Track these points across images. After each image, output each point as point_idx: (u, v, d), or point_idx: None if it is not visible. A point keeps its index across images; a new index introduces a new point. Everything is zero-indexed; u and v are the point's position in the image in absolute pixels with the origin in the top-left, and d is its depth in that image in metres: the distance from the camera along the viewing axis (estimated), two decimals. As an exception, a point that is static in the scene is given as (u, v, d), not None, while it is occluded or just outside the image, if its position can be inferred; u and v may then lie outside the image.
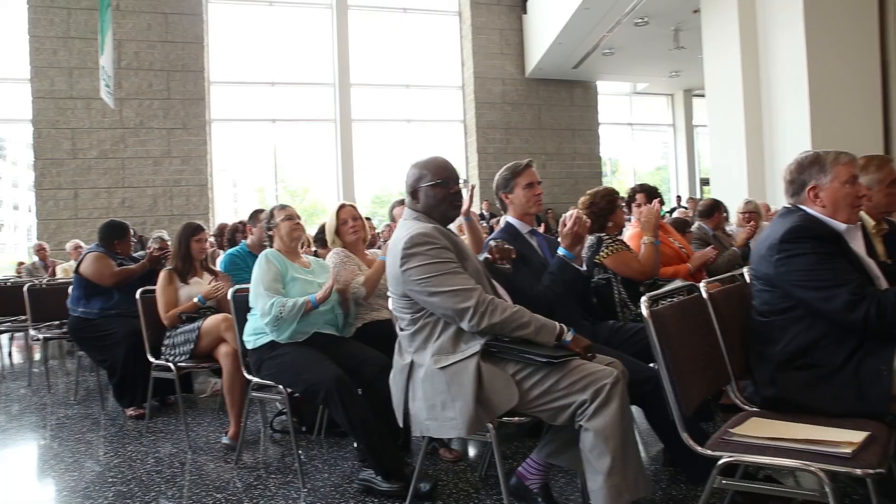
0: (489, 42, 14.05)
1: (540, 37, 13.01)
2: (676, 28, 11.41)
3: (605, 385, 1.89)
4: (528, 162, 2.79)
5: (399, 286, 2.14)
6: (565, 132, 14.52)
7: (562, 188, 14.22)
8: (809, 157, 2.11)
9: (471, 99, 14.16)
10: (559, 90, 14.48)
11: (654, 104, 17.38)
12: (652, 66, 14.25)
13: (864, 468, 1.58)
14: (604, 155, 15.39)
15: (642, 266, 3.18)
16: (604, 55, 12.81)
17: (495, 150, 13.77)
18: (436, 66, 14.66)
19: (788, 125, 7.49)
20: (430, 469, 2.89)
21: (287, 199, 14.70)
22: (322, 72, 13.98)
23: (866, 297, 1.86)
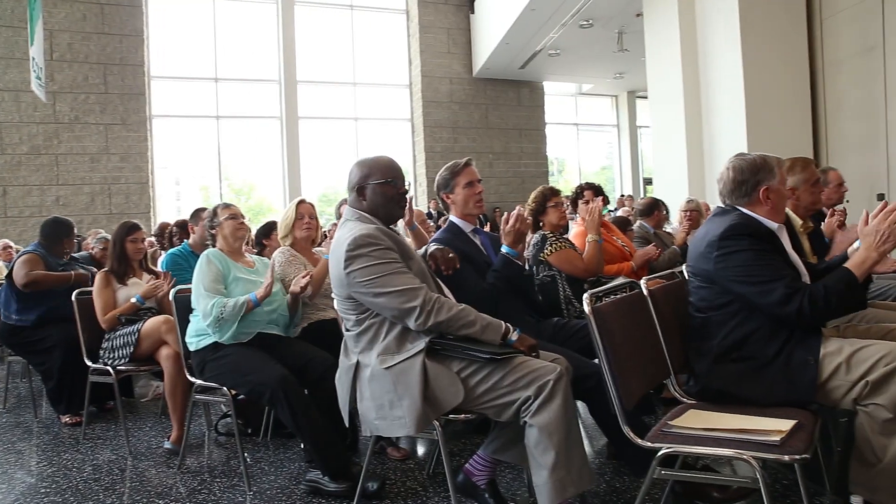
0: (437, 41, 14.06)
1: (487, 36, 13.10)
2: (620, 31, 11.65)
3: (548, 381, 1.92)
4: (467, 161, 2.79)
5: (343, 288, 2.12)
6: (512, 132, 14.66)
7: (509, 187, 14.35)
8: (758, 160, 2.18)
9: (418, 98, 14.15)
10: (506, 90, 14.61)
11: (599, 105, 17.72)
12: (597, 68, 14.52)
13: (791, 454, 1.66)
14: (550, 154, 15.60)
15: (586, 264, 3.25)
16: (550, 56, 12.98)
17: (443, 149, 13.80)
18: (383, 64, 14.59)
19: (726, 127, 7.75)
20: (377, 468, 2.89)
21: (232, 198, 14.38)
22: (267, 68, 13.72)
23: (799, 290, 1.94)
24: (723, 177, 2.24)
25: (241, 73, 13.64)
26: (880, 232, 1.93)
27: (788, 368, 1.99)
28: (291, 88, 13.64)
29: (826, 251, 3.14)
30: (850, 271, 1.96)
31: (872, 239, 1.95)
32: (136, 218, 4.76)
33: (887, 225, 1.93)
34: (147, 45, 12.32)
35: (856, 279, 1.95)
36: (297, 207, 3.36)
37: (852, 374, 1.89)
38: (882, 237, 1.93)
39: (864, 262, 1.96)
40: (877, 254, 1.94)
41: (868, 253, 1.95)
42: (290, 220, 3.34)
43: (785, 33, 7.71)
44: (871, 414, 1.86)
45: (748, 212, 2.17)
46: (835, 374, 1.92)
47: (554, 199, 3.46)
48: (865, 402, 1.87)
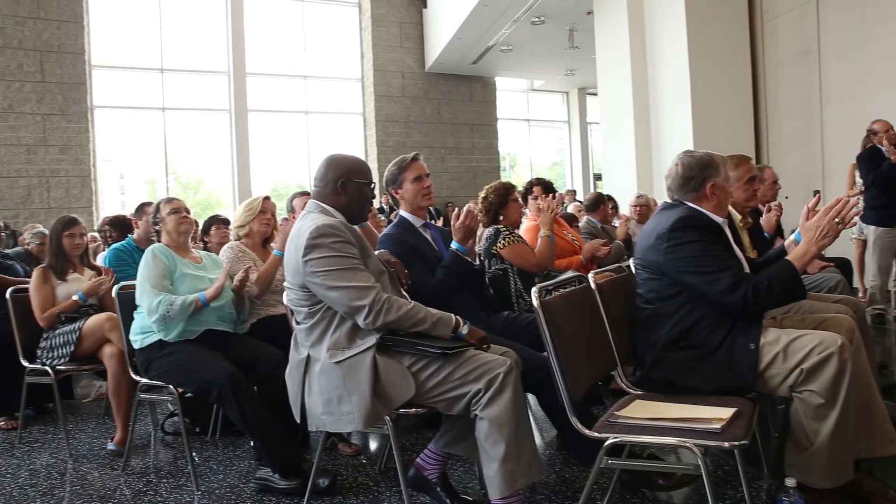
0: (389, 35, 13.97)
1: (439, 31, 13.09)
2: (571, 28, 11.78)
3: (498, 374, 1.94)
4: (415, 155, 2.81)
5: (298, 276, 2.10)
6: (464, 127, 14.69)
7: (461, 182, 14.39)
8: (705, 157, 2.25)
9: (370, 92, 14.04)
10: (459, 85, 14.63)
11: (550, 101, 17.91)
12: (548, 65, 14.66)
13: (731, 441, 1.72)
14: (502, 150, 15.69)
15: (538, 259, 3.30)
16: (502, 52, 13.05)
17: (395, 143, 13.73)
18: (335, 57, 14.42)
19: (673, 125, 7.94)
20: (329, 464, 2.87)
21: (179, 192, 13.99)
22: (216, 59, 13.38)
23: (744, 280, 2.02)
24: (671, 172, 2.30)
25: (189, 64, 13.26)
26: (820, 227, 2.03)
27: (731, 357, 2.06)
28: (241, 80, 13.36)
29: (766, 246, 3.25)
30: (791, 264, 2.05)
31: (813, 234, 2.05)
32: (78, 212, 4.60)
33: (826, 221, 2.03)
34: (87, 31, 11.84)
35: (797, 271, 2.04)
36: (263, 202, 3.34)
37: (789, 363, 1.97)
38: (822, 232, 2.03)
39: (804, 256, 2.05)
40: (816, 248, 2.04)
41: (808, 247, 2.05)
42: (254, 210, 3.30)
43: (729, 35, 7.94)
44: (806, 400, 1.95)
45: (695, 206, 2.24)
46: (773, 363, 2.00)
47: (514, 193, 3.50)
48: (800, 389, 1.95)
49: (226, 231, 4.23)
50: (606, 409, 2.13)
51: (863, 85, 6.83)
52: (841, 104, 7.09)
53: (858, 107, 6.80)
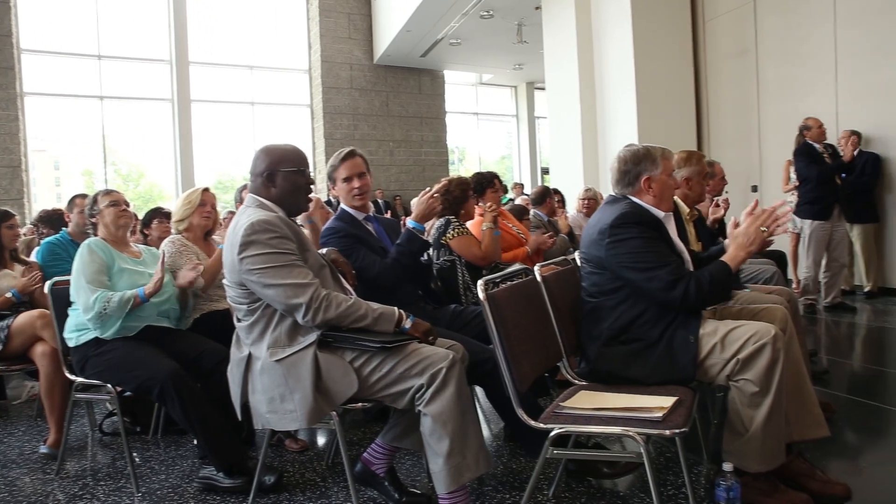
0: (337, 26, 13.78)
1: (388, 23, 12.98)
2: (520, 23, 11.85)
3: (441, 369, 1.93)
4: (348, 153, 2.76)
5: (235, 274, 2.06)
6: (413, 119, 14.64)
7: (409, 175, 14.35)
8: (641, 150, 2.29)
9: (318, 83, 13.83)
10: (407, 78, 14.56)
11: (498, 95, 17.99)
12: (497, 59, 14.72)
13: (672, 429, 1.77)
14: (451, 143, 15.71)
15: (484, 251, 3.32)
16: (451, 45, 13.04)
17: (343, 136, 13.58)
18: (282, 47, 14.15)
19: (618, 120, 8.09)
20: (274, 461, 2.83)
21: (119, 185, 13.50)
22: (157, 47, 12.92)
23: (684, 276, 2.07)
24: (612, 167, 2.35)
25: (128, 52, 12.77)
26: (748, 235, 2.13)
27: (671, 349, 2.12)
28: (183, 69, 12.96)
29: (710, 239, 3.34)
30: (727, 265, 2.13)
31: (742, 241, 2.14)
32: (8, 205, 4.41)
33: (754, 230, 2.13)
34: (15, 13, 11.23)
35: (732, 272, 2.13)
36: (202, 194, 3.23)
37: (726, 353, 2.03)
38: (749, 240, 2.13)
39: (734, 259, 2.14)
40: (745, 253, 2.14)
41: (738, 252, 2.14)
42: (193, 203, 3.20)
43: (672, 33, 8.15)
44: (741, 388, 2.02)
45: (637, 200, 2.28)
46: (711, 353, 2.06)
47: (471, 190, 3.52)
48: (737, 378, 2.02)
49: (167, 225, 4.10)
50: (553, 399, 2.16)
51: (796, 85, 7.10)
52: (776, 103, 7.37)
53: (792, 105, 7.08)
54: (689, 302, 2.06)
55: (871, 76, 6.31)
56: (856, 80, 6.47)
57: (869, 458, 2.63)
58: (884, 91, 6.18)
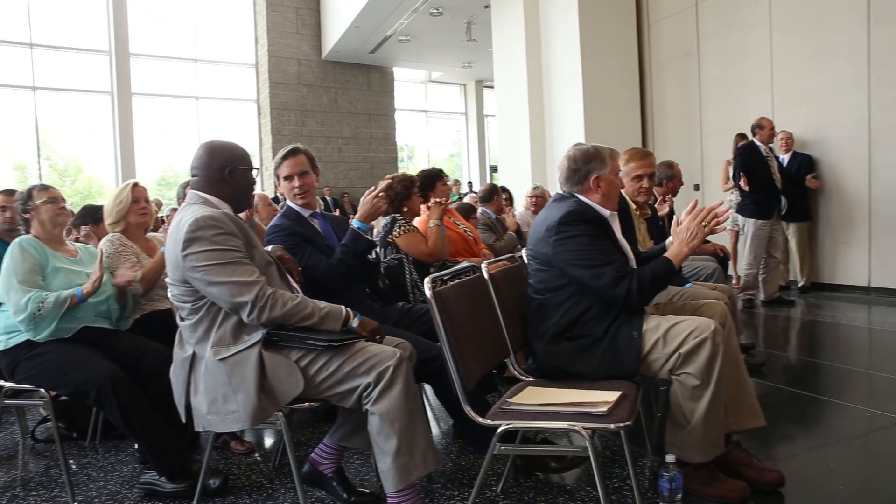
0: (285, 20, 13.56)
1: (337, 18, 12.85)
2: (469, 21, 11.89)
3: (388, 367, 1.92)
4: (290, 151, 2.73)
5: (179, 271, 2.00)
6: (362, 116, 14.54)
7: (358, 172, 14.26)
8: (591, 150, 2.33)
9: (265, 78, 13.60)
10: (356, 74, 14.45)
11: (448, 93, 18.04)
12: (446, 56, 14.75)
13: (616, 423, 1.80)
14: (400, 140, 15.67)
15: (431, 249, 3.32)
16: (400, 42, 13.00)
17: (290, 132, 13.38)
18: (227, 41, 13.83)
19: (566, 119, 8.21)
20: (220, 464, 2.76)
21: (55, 180, 12.97)
22: (95, 37, 12.43)
23: (628, 274, 2.12)
24: (560, 165, 2.37)
25: (64, 41, 12.25)
26: (690, 230, 2.20)
27: (616, 345, 2.16)
28: (123, 61, 12.53)
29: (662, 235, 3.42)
30: (670, 261, 2.19)
31: (684, 236, 2.21)
32: (-69, 200, 4.15)
33: (695, 225, 2.19)
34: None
35: (674, 268, 2.19)
36: (132, 191, 3.10)
37: (668, 348, 2.09)
38: (691, 234, 2.19)
39: (678, 255, 2.20)
40: (687, 248, 2.20)
41: (680, 247, 2.21)
42: (124, 204, 3.07)
43: (618, 35, 8.31)
44: (683, 382, 2.07)
45: (584, 198, 2.32)
46: (654, 348, 2.11)
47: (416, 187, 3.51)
48: (678, 372, 2.08)
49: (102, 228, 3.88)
50: (501, 396, 2.17)
51: (735, 88, 7.34)
52: (717, 104, 7.60)
53: (732, 107, 7.32)
54: (631, 299, 2.11)
55: (805, 81, 6.57)
56: (791, 85, 6.72)
57: (801, 445, 2.74)
58: (817, 95, 6.44)
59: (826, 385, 3.60)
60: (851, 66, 6.12)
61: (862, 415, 3.02)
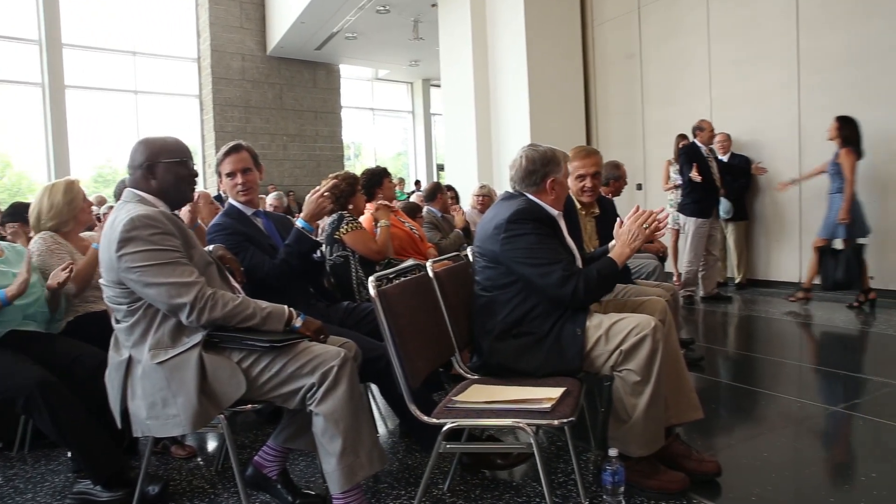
0: (228, 14, 13.26)
1: (282, 14, 12.64)
2: (416, 19, 11.88)
3: (332, 367, 1.89)
4: (233, 147, 2.68)
5: (113, 273, 1.93)
6: (308, 114, 14.35)
7: (303, 170, 14.07)
8: (548, 152, 2.36)
9: (207, 73, 13.27)
10: (302, 71, 14.25)
11: (395, 91, 17.99)
12: (393, 54, 14.70)
13: (560, 419, 1.83)
14: (346, 138, 15.54)
15: (378, 246, 3.31)
16: (347, 39, 12.88)
17: (234, 128, 13.10)
18: (168, 34, 13.43)
19: (512, 119, 8.28)
20: (159, 469, 2.68)
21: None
22: (23, 25, 11.87)
23: (575, 273, 2.15)
24: (515, 164, 2.39)
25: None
26: (631, 232, 2.27)
27: (560, 342, 2.19)
28: (55, 52, 12.00)
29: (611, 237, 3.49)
30: (614, 261, 2.24)
31: (626, 238, 2.28)
32: None
33: (637, 227, 2.26)
34: None
35: (618, 268, 2.24)
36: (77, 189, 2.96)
37: (610, 345, 2.13)
38: (633, 237, 2.26)
39: (620, 256, 2.26)
40: (629, 249, 2.27)
41: (623, 248, 2.27)
42: (77, 200, 2.93)
43: (564, 36, 8.43)
44: (624, 378, 2.12)
45: (534, 198, 2.34)
46: (596, 345, 2.15)
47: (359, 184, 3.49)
48: (620, 369, 2.12)
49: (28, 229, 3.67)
50: (447, 394, 2.18)
51: (676, 90, 7.55)
52: (658, 106, 7.80)
53: (673, 109, 7.53)
54: (578, 297, 2.15)
55: (740, 85, 6.81)
56: (728, 88, 6.96)
57: (737, 436, 2.84)
58: (752, 99, 6.68)
59: (760, 377, 3.73)
60: (783, 71, 6.37)
61: (793, 405, 3.15)
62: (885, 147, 5.62)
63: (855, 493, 2.16)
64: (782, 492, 2.21)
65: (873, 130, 5.67)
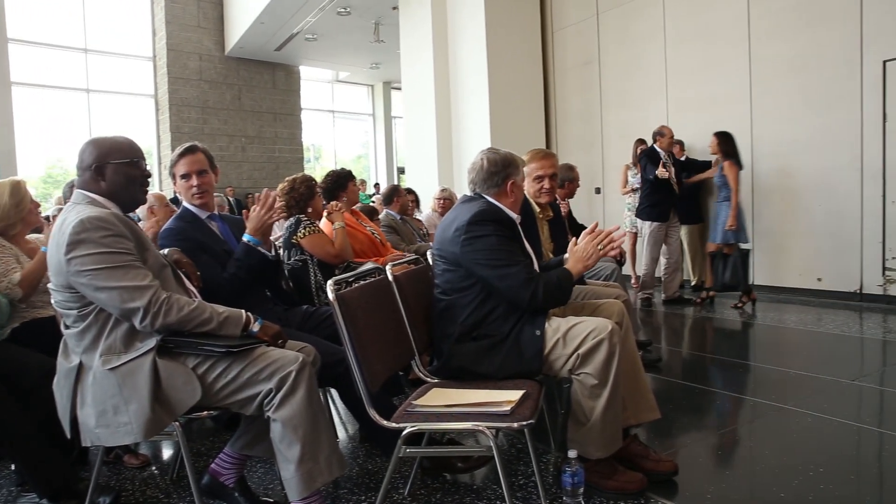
0: (185, 12, 12.98)
1: (241, 13, 12.44)
2: (377, 22, 11.83)
3: (290, 373, 1.87)
4: (188, 148, 2.61)
5: (62, 276, 1.87)
6: (267, 115, 14.15)
7: (262, 172, 13.87)
8: (508, 156, 2.39)
9: (163, 73, 12.96)
10: (261, 71, 14.04)
11: (355, 93, 17.86)
12: (354, 57, 14.60)
13: (519, 421, 1.84)
14: (306, 141, 15.37)
15: (337, 249, 3.28)
16: (307, 40, 12.75)
17: (191, 129, 12.83)
18: (122, 31, 13.08)
19: (472, 122, 8.32)
20: (112, 480, 2.60)
21: (-83, 175, 11.82)
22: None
23: (534, 277, 2.17)
24: (476, 166, 2.40)
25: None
26: (586, 251, 2.31)
27: (519, 344, 2.21)
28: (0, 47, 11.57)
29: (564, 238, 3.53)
30: (571, 273, 2.28)
31: (581, 255, 2.32)
32: None
33: (591, 246, 2.30)
34: None
35: (573, 280, 2.28)
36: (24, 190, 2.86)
37: (568, 349, 2.15)
38: (587, 254, 2.31)
39: (574, 270, 2.30)
40: (583, 266, 2.31)
41: (576, 264, 2.31)
42: (25, 200, 2.83)
43: (524, 41, 8.51)
44: (582, 381, 2.14)
45: (494, 200, 2.36)
46: (554, 349, 2.18)
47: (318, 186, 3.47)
48: (578, 372, 2.15)
49: None
50: (408, 398, 2.17)
51: (633, 95, 7.69)
52: (617, 111, 7.93)
53: (630, 114, 7.66)
54: (537, 301, 2.17)
55: (695, 90, 6.97)
56: (683, 94, 7.12)
57: (693, 435, 2.90)
58: (706, 104, 6.84)
59: (715, 378, 3.82)
60: (735, 78, 6.55)
61: (746, 404, 3.24)
62: (830, 151, 5.83)
63: (803, 488, 2.23)
64: (736, 489, 2.27)
65: (820, 136, 5.89)
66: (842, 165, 5.78)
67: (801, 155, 6.10)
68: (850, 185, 5.75)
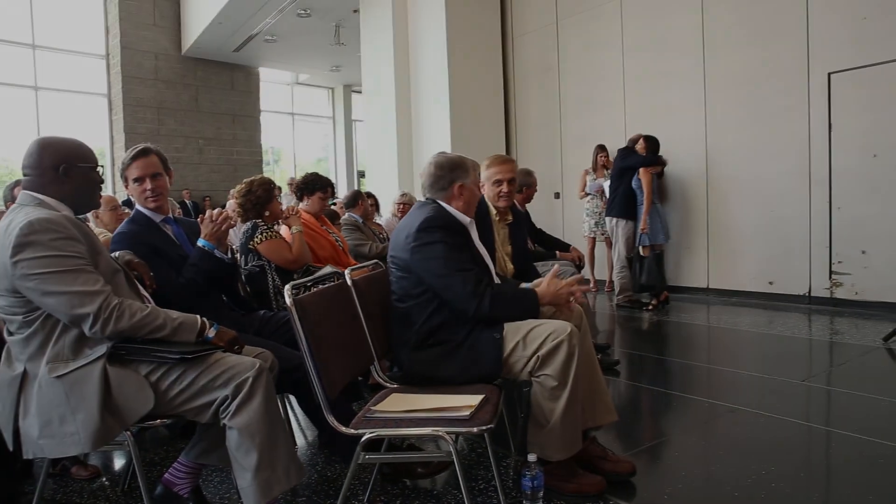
0: (140, 10, 12.69)
1: (199, 13, 12.22)
2: (338, 24, 11.75)
3: (247, 379, 1.83)
4: (140, 150, 2.54)
5: (7, 280, 1.80)
6: (225, 117, 13.92)
7: (220, 175, 13.63)
8: (455, 158, 2.38)
9: (117, 71, 12.65)
10: (219, 72, 13.82)
11: (315, 96, 17.72)
12: (314, 59, 14.48)
13: (479, 426, 1.83)
14: (265, 143, 15.18)
15: (294, 255, 3.24)
16: (266, 42, 12.61)
17: (146, 130, 12.54)
18: (73, 28, 12.71)
19: (433, 126, 8.32)
20: (58, 493, 2.51)
21: None
22: None
23: (481, 289, 2.17)
24: (425, 171, 2.41)
25: None
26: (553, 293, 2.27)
27: (477, 348, 2.21)
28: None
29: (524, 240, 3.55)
30: (536, 295, 2.26)
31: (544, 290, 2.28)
32: None
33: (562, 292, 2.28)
34: None
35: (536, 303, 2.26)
36: None
37: (527, 350, 2.16)
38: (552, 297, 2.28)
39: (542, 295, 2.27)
40: (548, 300, 2.29)
41: (544, 298, 2.28)
42: None
43: (485, 46, 8.57)
44: (542, 383, 2.15)
45: (444, 205, 2.36)
46: (514, 351, 2.18)
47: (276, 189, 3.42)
48: (538, 374, 2.15)
49: None
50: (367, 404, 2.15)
51: (592, 102, 7.80)
52: (575, 117, 8.03)
53: (588, 121, 7.77)
54: (482, 312, 2.17)
55: (652, 99, 7.11)
56: (640, 102, 7.25)
57: (651, 437, 2.95)
58: (662, 113, 6.98)
59: (672, 380, 3.89)
60: (691, 88, 6.71)
61: (702, 405, 3.30)
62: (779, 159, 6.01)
63: (756, 486, 2.28)
64: (692, 489, 2.31)
65: (770, 144, 6.07)
66: (791, 172, 5.97)
67: (752, 162, 6.27)
68: (798, 192, 5.94)
